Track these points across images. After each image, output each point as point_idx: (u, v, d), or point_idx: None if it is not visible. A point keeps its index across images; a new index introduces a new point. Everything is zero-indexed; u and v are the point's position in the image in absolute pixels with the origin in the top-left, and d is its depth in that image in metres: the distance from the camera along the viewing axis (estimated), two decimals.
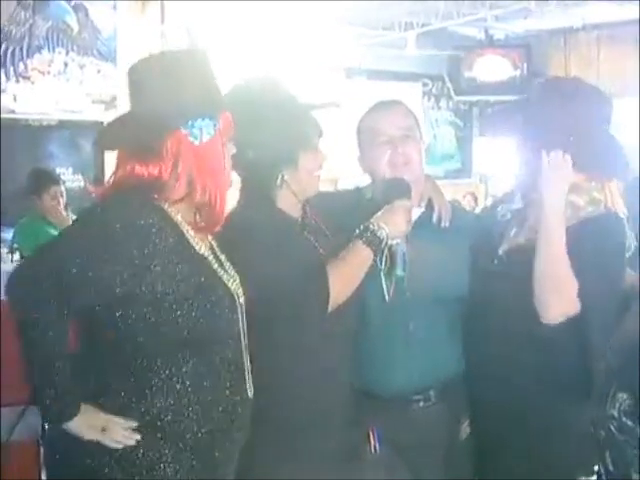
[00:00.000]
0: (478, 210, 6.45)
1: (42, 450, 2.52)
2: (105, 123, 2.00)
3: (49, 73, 7.72)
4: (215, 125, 1.89)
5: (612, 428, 2.55)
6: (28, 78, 7.57)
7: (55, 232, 5.68)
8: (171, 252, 1.81)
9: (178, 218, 1.88)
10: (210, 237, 1.99)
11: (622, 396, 2.56)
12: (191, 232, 1.89)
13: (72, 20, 7.84)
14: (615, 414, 2.58)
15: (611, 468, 2.45)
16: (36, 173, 6.10)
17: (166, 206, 1.86)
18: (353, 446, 2.35)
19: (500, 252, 2.39)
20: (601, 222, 2.29)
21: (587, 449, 2.41)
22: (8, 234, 6.22)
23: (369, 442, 2.36)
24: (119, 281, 1.76)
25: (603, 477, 2.42)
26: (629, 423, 2.58)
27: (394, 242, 2.26)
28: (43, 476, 2.82)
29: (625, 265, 2.39)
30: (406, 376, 2.38)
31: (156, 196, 1.85)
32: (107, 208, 1.81)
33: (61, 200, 5.89)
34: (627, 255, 2.35)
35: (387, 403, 2.39)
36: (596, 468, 2.38)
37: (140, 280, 1.77)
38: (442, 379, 2.41)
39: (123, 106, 2.01)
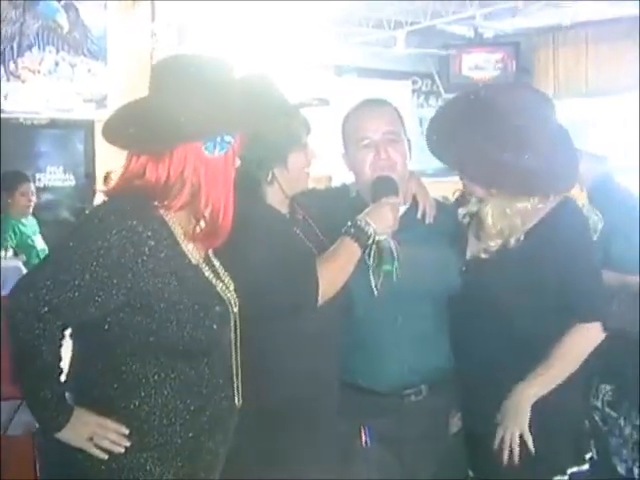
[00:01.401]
0: None
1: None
2: (110, 115, 1.93)
3: (39, 72, 7.72)
4: (230, 143, 1.88)
5: (596, 418, 2.59)
6: (19, 77, 7.57)
7: (24, 229, 6.20)
8: (164, 263, 1.80)
9: (175, 227, 1.87)
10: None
11: (605, 387, 2.60)
12: (187, 242, 1.88)
13: (62, 19, 7.85)
14: (599, 405, 2.62)
15: (595, 457, 2.48)
16: (9, 174, 6.51)
17: (164, 213, 1.85)
18: (344, 441, 2.36)
19: (468, 257, 2.43)
20: (557, 214, 2.31)
21: (578, 438, 2.43)
22: None
23: (360, 437, 2.38)
24: (113, 293, 1.76)
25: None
26: (612, 414, 2.62)
27: (382, 238, 2.28)
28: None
29: (593, 243, 2.41)
30: (397, 371, 2.39)
31: (157, 203, 1.83)
32: (103, 219, 1.80)
33: (32, 198, 6.37)
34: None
35: (378, 398, 2.39)
36: (588, 456, 2.40)
37: (133, 290, 1.78)
38: (433, 373, 2.41)
39: (113, 105, 1.99)
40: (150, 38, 8.32)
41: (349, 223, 2.26)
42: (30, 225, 6.38)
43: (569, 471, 2.35)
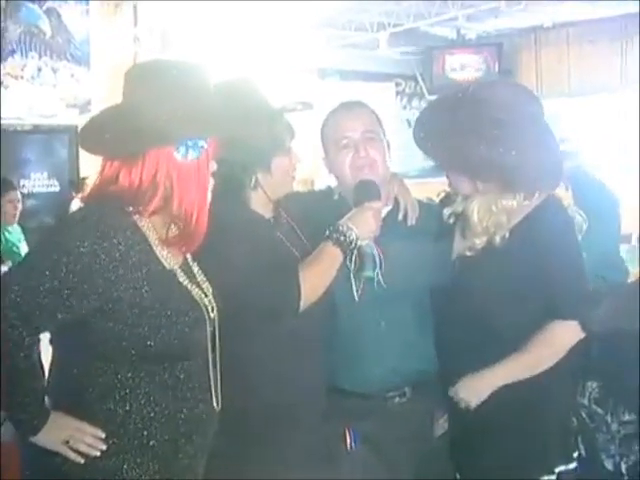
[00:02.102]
0: None
1: None
2: (85, 123, 1.93)
3: (22, 77, 7.68)
4: (203, 147, 1.88)
5: (583, 415, 2.60)
6: (1, 83, 7.53)
7: (10, 236, 6.26)
8: (136, 269, 1.81)
9: (149, 232, 1.87)
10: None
11: (592, 385, 2.61)
12: (161, 247, 1.88)
13: (45, 24, 7.80)
14: (585, 402, 2.63)
15: (583, 454, 2.49)
16: None
17: (138, 219, 1.85)
18: (329, 444, 2.37)
19: (454, 256, 2.43)
20: (541, 212, 2.32)
21: (565, 437, 2.44)
22: None
23: (345, 440, 2.38)
24: (84, 299, 1.77)
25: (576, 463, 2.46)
26: (599, 410, 2.63)
27: (364, 243, 2.28)
28: None
29: (577, 242, 2.42)
30: (381, 373, 2.39)
31: (131, 208, 1.83)
32: (75, 225, 1.80)
33: (18, 205, 6.40)
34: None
35: (362, 400, 2.39)
36: (575, 454, 2.41)
37: (104, 296, 1.78)
38: (417, 375, 2.42)
39: (97, 110, 1.98)
40: (133, 43, 8.30)
41: (331, 228, 2.26)
42: (15, 232, 6.37)
43: (557, 470, 2.36)
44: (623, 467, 2.68)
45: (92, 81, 8.05)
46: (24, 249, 6.27)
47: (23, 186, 7.83)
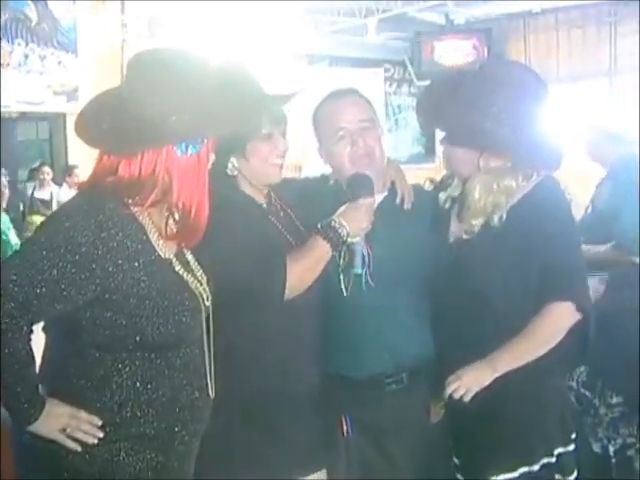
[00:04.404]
0: None
1: None
2: (81, 109, 1.88)
3: (9, 65, 7.63)
4: (203, 142, 1.85)
5: (572, 399, 2.61)
6: None
7: None
8: (133, 259, 1.79)
9: (147, 223, 1.85)
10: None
11: (579, 368, 2.63)
12: (157, 236, 1.86)
13: (31, 11, 7.76)
14: (574, 385, 2.65)
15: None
16: None
17: (136, 210, 1.83)
18: (324, 431, 2.36)
19: (451, 240, 2.43)
20: (537, 192, 2.32)
21: (563, 418, 2.43)
22: None
23: (341, 427, 2.38)
24: (81, 288, 1.75)
25: None
26: (587, 394, 2.65)
27: (354, 240, 2.28)
28: None
29: (574, 223, 2.43)
30: (377, 359, 2.38)
31: (130, 200, 1.81)
32: (72, 215, 1.78)
33: (5, 191, 6.56)
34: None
35: (359, 386, 2.37)
36: (574, 436, 2.41)
37: (101, 286, 1.77)
38: (414, 361, 2.40)
39: (85, 97, 1.96)
40: (120, 30, 8.26)
41: (323, 223, 2.25)
42: (4, 221, 6.35)
43: (556, 452, 2.36)
44: (611, 450, 2.71)
45: (79, 68, 8.01)
46: (13, 237, 6.25)
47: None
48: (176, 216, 1.89)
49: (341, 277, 2.33)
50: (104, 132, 1.80)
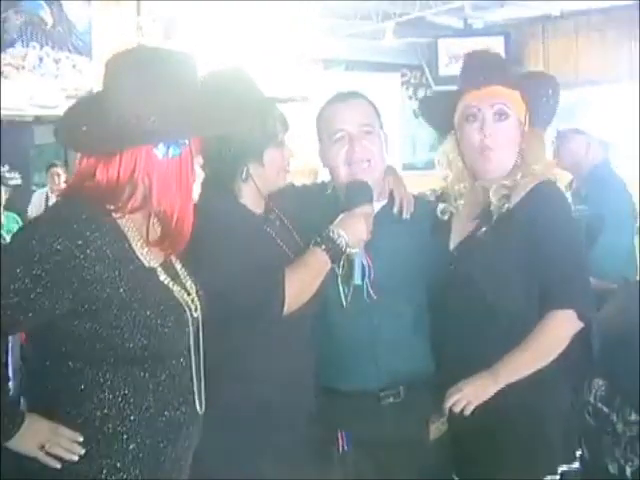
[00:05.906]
0: None
1: None
2: (63, 113, 1.85)
3: (24, 68, 7.63)
4: (185, 144, 1.80)
5: (587, 414, 2.55)
6: (1, 73, 7.48)
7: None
8: (112, 268, 1.74)
9: (129, 230, 1.80)
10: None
11: (598, 382, 2.56)
12: (141, 245, 1.81)
13: (46, 14, 7.74)
14: (591, 400, 2.58)
15: (586, 456, 2.44)
16: None
17: (118, 216, 1.79)
18: (321, 446, 2.34)
19: (451, 247, 2.40)
20: (536, 195, 2.28)
21: (567, 434, 2.39)
22: None
23: (337, 442, 2.35)
24: (58, 299, 1.70)
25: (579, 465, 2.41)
26: (605, 409, 2.58)
27: (353, 251, 2.25)
28: None
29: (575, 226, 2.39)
30: (373, 372, 2.36)
31: (112, 207, 1.77)
32: (49, 222, 1.74)
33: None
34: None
35: (355, 400, 2.37)
36: (578, 453, 2.36)
37: (79, 296, 1.71)
38: (411, 375, 2.38)
39: None
40: (136, 33, 8.24)
41: (321, 234, 2.22)
42: (5, 223, 6.49)
43: (560, 470, 2.31)
44: (628, 471, 2.63)
45: (94, 72, 7.99)
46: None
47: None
48: (158, 227, 1.82)
49: (340, 288, 2.31)
50: (83, 134, 1.75)
